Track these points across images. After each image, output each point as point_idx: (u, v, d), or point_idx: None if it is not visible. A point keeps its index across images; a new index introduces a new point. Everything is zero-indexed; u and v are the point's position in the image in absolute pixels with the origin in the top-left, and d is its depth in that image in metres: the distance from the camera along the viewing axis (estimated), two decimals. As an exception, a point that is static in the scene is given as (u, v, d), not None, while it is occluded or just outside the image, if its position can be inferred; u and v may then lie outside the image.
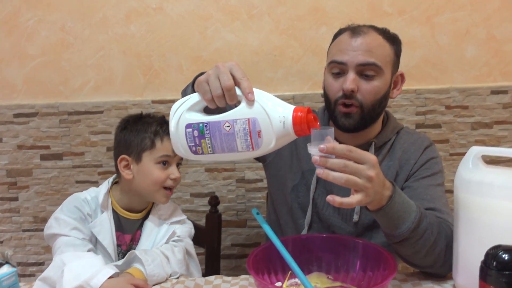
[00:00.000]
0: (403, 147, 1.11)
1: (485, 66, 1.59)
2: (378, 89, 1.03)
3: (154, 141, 1.13)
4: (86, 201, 1.14)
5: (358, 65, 1.01)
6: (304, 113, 0.74)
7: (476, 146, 0.89)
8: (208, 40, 1.62)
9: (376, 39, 1.03)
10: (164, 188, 1.15)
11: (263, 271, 0.88)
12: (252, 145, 0.77)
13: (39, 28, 1.63)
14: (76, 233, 1.08)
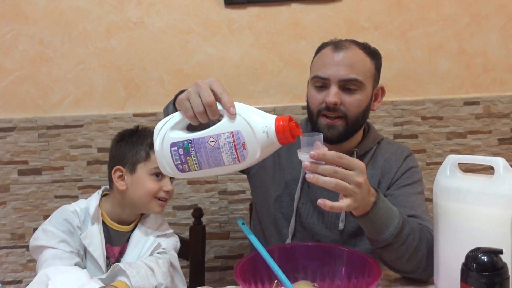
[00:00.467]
0: (384, 156, 1.14)
1: (457, 79, 1.66)
2: (360, 102, 1.07)
3: (149, 153, 1.14)
4: (75, 213, 1.13)
5: (340, 81, 1.05)
6: (286, 122, 0.76)
7: (452, 155, 0.93)
8: (189, 54, 1.63)
9: (357, 54, 1.07)
10: (157, 198, 1.16)
11: (250, 280, 0.88)
12: (238, 158, 0.78)
13: (17, 42, 1.61)
14: (63, 246, 1.07)
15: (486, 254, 0.63)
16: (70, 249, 1.08)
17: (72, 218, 1.12)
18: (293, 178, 1.15)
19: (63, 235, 1.08)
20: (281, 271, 0.85)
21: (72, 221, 1.11)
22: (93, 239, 1.11)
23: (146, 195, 1.14)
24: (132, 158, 1.16)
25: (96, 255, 1.11)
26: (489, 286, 0.62)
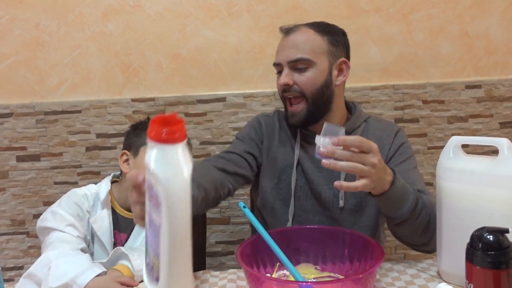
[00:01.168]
0: (375, 134, 1.16)
1: (459, 62, 1.64)
2: (313, 79, 1.10)
3: None
4: (85, 197, 1.14)
5: (289, 62, 1.10)
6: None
7: (456, 136, 0.92)
8: (187, 38, 1.61)
9: (304, 33, 1.11)
10: None
11: (252, 264, 0.88)
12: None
13: (12, 26, 1.58)
14: (71, 230, 1.07)
15: (491, 233, 0.63)
16: (77, 233, 1.08)
17: (82, 201, 1.13)
18: (287, 165, 1.17)
19: (71, 219, 1.09)
20: (283, 253, 0.84)
21: (82, 204, 1.13)
22: (102, 224, 1.13)
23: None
24: (137, 142, 1.18)
25: (104, 240, 1.13)
26: (495, 265, 0.62)
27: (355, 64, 1.63)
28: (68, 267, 0.92)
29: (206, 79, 1.63)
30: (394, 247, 1.71)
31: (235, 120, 1.62)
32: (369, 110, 1.63)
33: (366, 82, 1.64)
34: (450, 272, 0.90)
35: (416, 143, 1.65)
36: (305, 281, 0.83)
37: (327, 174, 1.13)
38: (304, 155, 1.16)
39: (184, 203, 0.62)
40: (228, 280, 0.96)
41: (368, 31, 1.62)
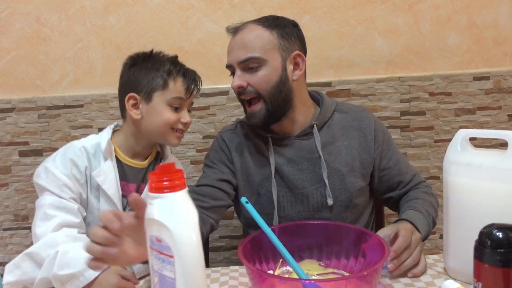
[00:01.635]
0: (353, 125, 1.14)
1: (467, 53, 1.60)
2: (266, 77, 1.05)
3: (167, 81, 1.07)
4: (83, 150, 1.07)
5: (239, 63, 1.06)
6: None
7: (464, 129, 0.89)
8: (189, 31, 1.59)
9: (251, 31, 1.06)
10: (174, 129, 1.10)
11: (254, 260, 0.86)
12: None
13: (13, 20, 1.57)
14: (64, 192, 1.02)
15: (501, 230, 0.61)
16: (71, 194, 1.02)
17: (79, 156, 1.06)
18: (264, 177, 1.13)
19: (64, 179, 1.02)
20: (286, 250, 0.82)
21: (78, 160, 1.05)
22: (107, 176, 1.06)
23: (163, 125, 1.08)
24: (148, 85, 1.07)
25: (111, 193, 1.06)
26: (504, 263, 0.60)
27: (360, 56, 1.62)
28: (77, 256, 0.88)
29: (209, 72, 1.60)
30: (400, 241, 1.69)
31: (239, 113, 1.60)
32: (374, 102, 1.60)
33: (371, 74, 1.61)
34: (457, 268, 0.88)
35: (422, 136, 1.62)
36: (308, 278, 0.82)
37: (309, 175, 1.11)
38: (281, 160, 1.12)
39: (197, 249, 0.62)
40: (230, 277, 0.94)
41: (373, 22, 1.58)
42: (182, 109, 1.11)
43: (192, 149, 1.63)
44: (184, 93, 1.09)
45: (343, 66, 1.61)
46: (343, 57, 1.60)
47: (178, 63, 1.13)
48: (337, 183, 1.10)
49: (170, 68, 1.09)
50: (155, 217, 0.60)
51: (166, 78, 1.07)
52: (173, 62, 1.11)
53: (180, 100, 1.09)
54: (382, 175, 1.15)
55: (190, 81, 1.11)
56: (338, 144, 1.12)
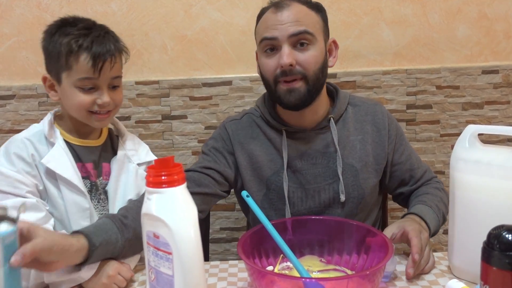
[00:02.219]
0: (366, 119, 1.11)
1: (476, 46, 1.57)
2: (315, 58, 1.00)
3: (68, 61, 0.95)
4: (25, 142, 0.98)
5: (290, 36, 0.98)
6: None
7: (472, 125, 0.86)
8: (193, 19, 1.55)
9: (301, 9, 1.01)
10: (93, 112, 1.00)
11: (254, 255, 0.85)
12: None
13: (13, 5, 1.54)
14: (18, 188, 0.93)
15: (510, 232, 0.58)
16: (26, 188, 0.94)
17: (21, 149, 0.97)
18: (274, 171, 1.08)
19: (14, 175, 0.94)
20: (286, 245, 0.81)
21: (22, 152, 0.96)
22: (59, 160, 0.98)
23: (77, 109, 0.98)
24: (56, 66, 0.96)
25: (68, 175, 0.97)
26: (513, 266, 0.58)
27: (366, 47, 1.58)
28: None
29: (212, 61, 1.57)
30: (403, 236, 1.67)
31: (242, 104, 1.58)
32: (380, 95, 1.57)
33: (377, 66, 1.58)
34: (462, 267, 0.86)
35: (429, 130, 1.59)
36: (308, 276, 0.80)
37: (323, 169, 1.07)
38: (294, 153, 1.07)
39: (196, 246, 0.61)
40: (229, 274, 0.93)
41: (381, 12, 1.55)
42: (99, 88, 0.98)
43: (194, 139, 1.61)
44: (92, 72, 0.95)
45: (349, 57, 1.58)
46: (349, 48, 1.57)
47: (83, 36, 0.96)
48: (350, 179, 1.07)
49: (70, 43, 0.95)
50: (153, 212, 0.59)
51: (67, 57, 0.95)
52: (77, 35, 0.96)
53: (89, 80, 0.97)
54: (393, 170, 1.13)
55: (97, 56, 0.95)
56: (352, 139, 1.08)
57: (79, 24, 0.99)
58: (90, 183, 1.05)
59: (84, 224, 0.97)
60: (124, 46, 1.05)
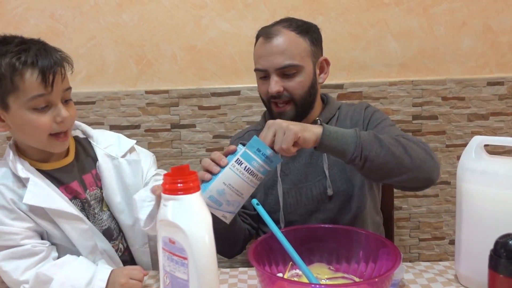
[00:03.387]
0: (348, 116, 1.18)
1: (481, 58, 1.59)
2: (302, 83, 1.10)
3: (13, 80, 0.84)
4: (2, 190, 0.91)
5: (277, 69, 1.08)
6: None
7: (478, 136, 0.88)
8: (202, 30, 1.59)
9: (288, 38, 1.09)
10: (53, 135, 0.91)
11: (264, 262, 0.86)
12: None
13: (28, 16, 1.58)
14: (8, 240, 0.90)
15: (517, 241, 0.60)
16: (15, 237, 0.89)
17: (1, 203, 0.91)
18: (269, 177, 1.17)
19: (2, 229, 0.89)
20: (296, 253, 0.82)
21: (3, 204, 0.90)
22: (40, 194, 0.90)
23: (37, 134, 0.89)
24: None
25: (55, 206, 0.91)
26: (520, 274, 0.59)
27: (373, 58, 1.60)
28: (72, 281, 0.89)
29: (221, 72, 1.60)
30: (409, 246, 1.68)
31: (249, 114, 1.60)
32: (386, 106, 1.59)
33: (383, 77, 1.60)
34: (469, 276, 0.87)
35: (434, 140, 1.61)
36: (318, 282, 0.81)
37: (312, 168, 1.15)
38: (286, 158, 1.12)
39: (211, 252, 0.63)
40: (239, 280, 0.94)
41: (387, 24, 1.57)
42: (53, 105, 0.89)
43: (202, 148, 1.63)
44: (43, 88, 0.86)
45: (356, 68, 1.60)
46: (355, 59, 1.60)
47: (23, 51, 0.86)
48: (337, 174, 1.13)
49: (12, 62, 0.84)
50: (169, 218, 0.61)
51: (11, 76, 0.84)
52: (17, 52, 0.85)
53: (42, 97, 0.87)
54: None
55: (46, 69, 0.87)
56: None
57: (14, 41, 0.89)
58: (81, 202, 1.02)
59: (89, 245, 0.98)
60: (67, 56, 0.97)
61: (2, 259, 0.90)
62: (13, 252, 0.90)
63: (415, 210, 1.66)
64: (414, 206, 1.65)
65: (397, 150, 0.93)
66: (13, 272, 0.90)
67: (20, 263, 0.90)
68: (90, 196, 1.04)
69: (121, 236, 1.10)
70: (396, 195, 1.59)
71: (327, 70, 1.19)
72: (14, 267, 0.90)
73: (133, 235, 1.09)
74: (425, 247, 1.69)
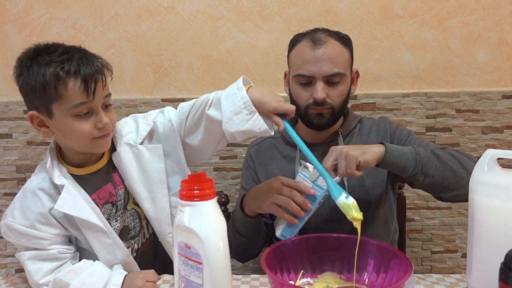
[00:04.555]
0: (371, 131, 1.21)
1: (496, 71, 1.59)
2: (343, 92, 1.15)
3: (57, 89, 0.87)
4: (37, 193, 0.95)
5: (325, 77, 1.11)
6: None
7: (491, 149, 0.88)
8: (218, 40, 1.62)
9: (335, 47, 1.12)
10: (95, 138, 0.94)
11: (276, 269, 0.88)
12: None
13: (51, 25, 1.63)
14: (36, 244, 0.94)
15: (528, 254, 0.60)
16: (43, 242, 0.94)
17: (36, 201, 0.95)
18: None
19: (30, 232, 0.94)
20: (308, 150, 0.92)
21: (36, 204, 0.94)
22: (72, 202, 0.93)
23: (80, 140, 0.92)
24: (41, 98, 0.88)
25: (84, 216, 0.94)
26: (531, 287, 0.59)
27: (387, 70, 1.61)
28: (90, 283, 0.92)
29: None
30: (421, 258, 1.67)
31: (263, 123, 1.62)
32: (399, 117, 1.60)
33: (397, 89, 1.61)
34: (480, 289, 0.87)
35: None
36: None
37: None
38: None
39: (225, 257, 0.65)
40: (251, 286, 0.95)
41: (401, 36, 1.59)
42: (94, 111, 0.92)
43: (216, 156, 1.65)
44: (85, 96, 0.89)
45: (369, 80, 1.62)
46: (369, 70, 1.61)
47: (67, 61, 0.89)
48: (356, 184, 1.16)
49: (56, 70, 0.87)
50: (185, 224, 0.63)
51: (55, 85, 0.87)
52: (61, 62, 0.88)
53: (84, 105, 0.90)
54: None
55: (87, 78, 0.90)
56: None
57: (57, 50, 0.91)
58: (112, 205, 1.04)
59: (110, 258, 1.00)
60: (107, 62, 0.99)
61: (28, 258, 0.96)
62: (39, 253, 0.95)
63: (427, 222, 1.65)
64: (427, 218, 1.65)
65: (454, 165, 1.02)
66: (35, 274, 0.94)
67: (43, 265, 0.95)
68: (118, 196, 1.05)
69: (142, 233, 1.11)
70: (408, 207, 1.59)
71: (356, 82, 1.23)
72: (37, 268, 0.94)
73: (159, 224, 1.06)
74: (437, 259, 1.68)
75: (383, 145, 1.01)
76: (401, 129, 1.23)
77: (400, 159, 1.00)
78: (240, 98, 0.90)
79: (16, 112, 1.64)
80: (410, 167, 1.00)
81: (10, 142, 1.66)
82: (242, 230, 1.13)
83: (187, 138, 1.07)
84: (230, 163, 1.65)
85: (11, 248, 1.70)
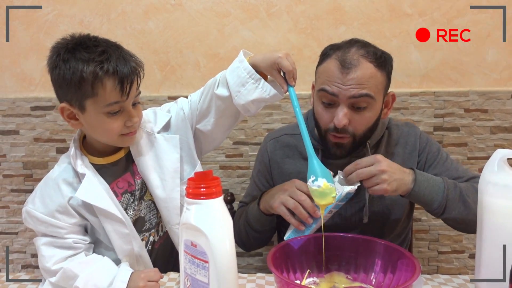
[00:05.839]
0: (399, 142, 1.14)
1: (505, 70, 1.57)
2: (369, 119, 1.03)
3: (94, 87, 0.89)
4: (59, 182, 0.98)
5: (350, 98, 0.99)
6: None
7: (501, 149, 0.87)
8: (225, 38, 1.61)
9: (367, 70, 0.99)
10: (124, 134, 0.98)
11: (282, 268, 0.87)
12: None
13: (58, 22, 1.63)
14: (54, 232, 0.97)
15: (539, 256, 0.59)
16: (61, 231, 0.96)
17: (56, 190, 0.97)
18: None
19: (49, 220, 0.96)
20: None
21: (57, 193, 0.97)
22: (92, 191, 0.96)
23: (109, 135, 0.96)
24: (76, 93, 0.90)
25: (103, 205, 0.96)
26: (541, 290, 0.59)
27: (395, 68, 1.59)
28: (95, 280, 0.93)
29: (242, 79, 1.62)
30: (427, 259, 1.66)
31: (270, 121, 1.62)
32: (407, 116, 1.58)
33: (405, 88, 1.60)
34: (489, 291, 0.86)
35: (455, 152, 1.59)
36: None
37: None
38: None
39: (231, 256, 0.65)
40: (257, 285, 0.95)
41: (410, 35, 1.57)
42: (124, 109, 0.95)
43: (222, 154, 1.65)
44: (120, 96, 0.92)
45: (377, 79, 1.60)
46: (377, 69, 1.60)
47: (105, 60, 0.90)
48: (376, 200, 1.11)
49: (95, 70, 0.89)
50: (191, 222, 0.62)
51: (93, 83, 0.89)
52: (100, 61, 0.90)
53: (117, 104, 0.93)
54: None
55: (124, 79, 0.92)
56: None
57: (97, 48, 0.92)
58: (131, 194, 1.05)
59: (126, 248, 1.01)
60: (140, 61, 1.01)
61: (44, 243, 0.98)
62: (55, 240, 0.97)
63: (434, 222, 1.64)
64: (434, 218, 1.64)
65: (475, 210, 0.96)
66: (49, 259, 0.96)
67: (57, 252, 0.97)
68: (137, 186, 1.06)
69: (160, 226, 1.12)
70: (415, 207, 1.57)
71: (391, 105, 1.11)
72: (51, 254, 0.96)
73: (168, 214, 1.07)
74: (444, 260, 1.67)
75: (413, 173, 0.98)
76: (431, 145, 1.15)
77: (425, 198, 0.99)
78: (243, 69, 0.94)
79: (23, 108, 1.65)
80: (434, 205, 0.99)
81: (17, 138, 1.67)
82: (255, 225, 1.11)
83: (200, 124, 1.09)
84: (236, 161, 1.65)
85: (17, 245, 1.71)
